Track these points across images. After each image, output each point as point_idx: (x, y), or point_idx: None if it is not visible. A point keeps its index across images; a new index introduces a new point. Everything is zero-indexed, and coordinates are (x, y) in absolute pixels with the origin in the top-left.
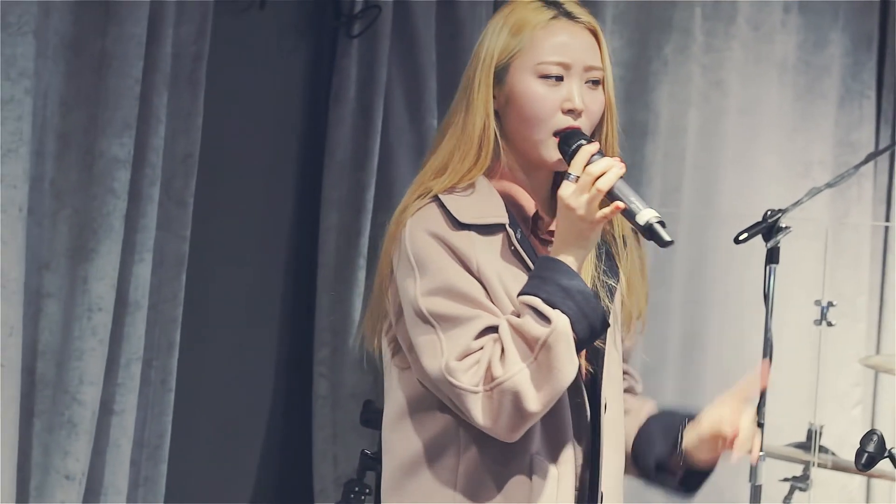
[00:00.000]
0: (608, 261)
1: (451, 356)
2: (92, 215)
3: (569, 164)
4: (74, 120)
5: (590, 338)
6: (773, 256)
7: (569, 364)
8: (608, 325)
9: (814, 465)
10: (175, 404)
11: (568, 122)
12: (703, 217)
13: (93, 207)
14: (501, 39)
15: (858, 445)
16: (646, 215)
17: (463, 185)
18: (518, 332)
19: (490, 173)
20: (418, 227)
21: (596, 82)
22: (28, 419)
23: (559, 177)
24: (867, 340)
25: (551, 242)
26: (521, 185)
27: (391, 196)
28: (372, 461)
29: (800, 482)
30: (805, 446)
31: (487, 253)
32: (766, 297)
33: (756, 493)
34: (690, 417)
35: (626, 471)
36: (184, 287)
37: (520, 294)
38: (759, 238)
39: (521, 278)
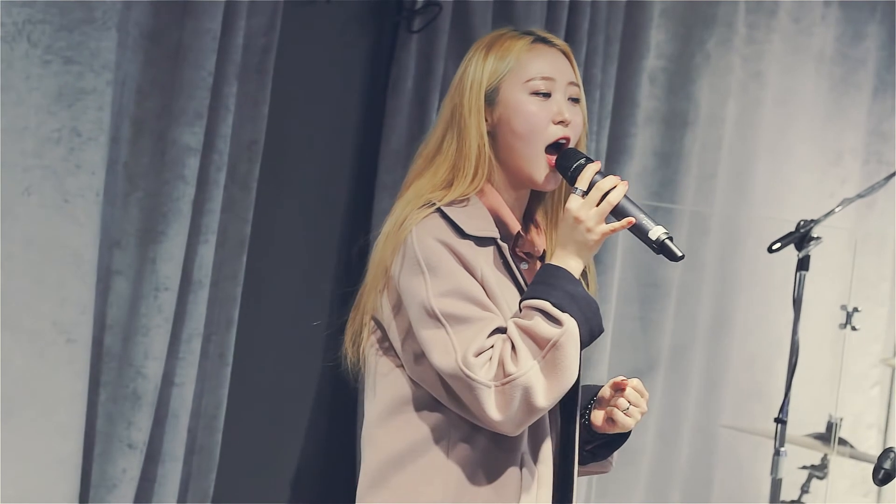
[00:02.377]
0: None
1: (469, 352)
2: (162, 199)
3: (569, 180)
4: (149, 108)
5: (589, 341)
6: (803, 264)
7: (574, 364)
8: (603, 331)
9: (832, 454)
10: (231, 378)
11: (559, 132)
12: (737, 203)
13: (163, 192)
14: (489, 65)
15: (876, 462)
16: (657, 231)
17: (462, 200)
18: (528, 332)
19: (478, 192)
20: (426, 234)
21: (575, 100)
22: (95, 389)
23: (533, 201)
24: (887, 337)
25: (525, 259)
26: (506, 203)
27: None
28: None
29: (818, 471)
30: (824, 437)
31: (486, 263)
32: (795, 302)
33: (776, 484)
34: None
35: None
36: (244, 267)
37: (528, 298)
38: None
39: (511, 289)
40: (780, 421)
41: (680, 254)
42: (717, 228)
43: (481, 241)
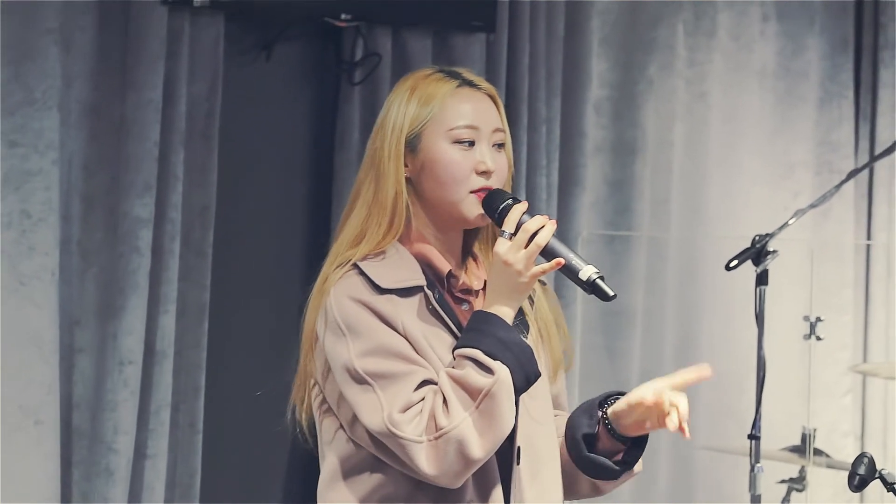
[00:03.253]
0: (517, 315)
1: (394, 409)
2: (118, 273)
3: (497, 223)
4: (97, 183)
5: (524, 387)
6: (762, 279)
7: (509, 412)
8: (539, 375)
9: (809, 465)
10: (203, 445)
11: (482, 182)
12: (692, 224)
13: (119, 266)
14: (411, 110)
15: (850, 468)
16: (587, 271)
17: (378, 252)
18: (459, 383)
19: (402, 238)
20: (342, 295)
21: (500, 145)
22: (67, 469)
23: (469, 236)
24: (854, 345)
25: (465, 300)
26: (434, 247)
27: None
28: None
29: (796, 483)
30: (800, 449)
31: (410, 314)
32: (757, 317)
33: (756, 500)
34: (614, 395)
35: (570, 474)
36: (206, 333)
37: (459, 347)
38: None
39: (442, 336)
40: (754, 437)
41: (612, 294)
42: (675, 252)
43: (405, 292)
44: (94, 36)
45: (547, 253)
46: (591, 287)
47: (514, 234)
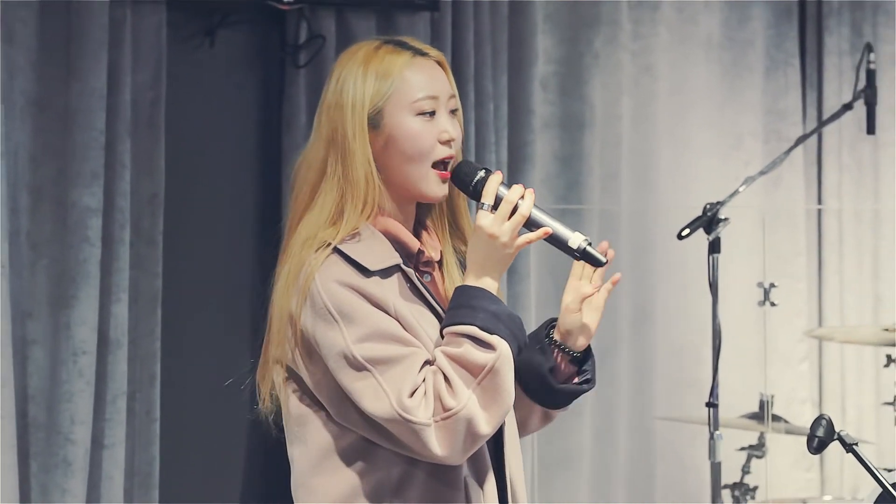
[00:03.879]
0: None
1: (403, 394)
2: (69, 264)
3: (471, 195)
4: (44, 174)
5: (518, 356)
6: (714, 247)
7: (511, 384)
8: (527, 343)
9: (768, 432)
10: (161, 433)
11: (446, 151)
12: (643, 197)
13: (69, 256)
14: (369, 86)
15: (809, 430)
16: (576, 239)
17: (353, 234)
18: (459, 361)
19: (370, 218)
20: (330, 280)
21: (454, 111)
22: (25, 461)
23: (422, 208)
24: (809, 311)
25: (427, 272)
26: (398, 221)
27: None
28: None
29: (756, 450)
30: (758, 416)
31: (395, 294)
32: (711, 285)
33: (716, 468)
34: (549, 324)
35: (527, 413)
36: (160, 321)
37: (452, 324)
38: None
39: (426, 313)
40: (712, 405)
41: (604, 259)
42: (627, 225)
43: (385, 273)
44: (36, 27)
45: (530, 223)
46: (581, 254)
47: (494, 205)
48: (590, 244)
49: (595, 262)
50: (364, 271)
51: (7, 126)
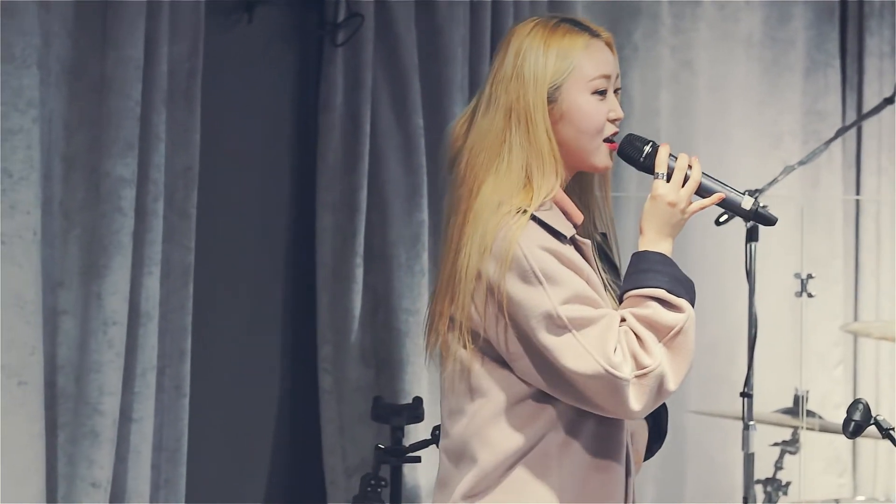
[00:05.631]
0: (605, 260)
1: (608, 352)
2: (101, 233)
3: (642, 168)
4: (79, 142)
5: None
6: (752, 235)
7: (694, 345)
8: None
9: (802, 428)
10: (190, 408)
11: (613, 129)
12: None
13: (101, 225)
14: (550, 62)
15: (846, 414)
16: (748, 202)
17: (544, 203)
18: (648, 322)
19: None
20: (532, 244)
21: (618, 90)
22: (52, 431)
23: (574, 180)
24: (845, 305)
25: (584, 243)
26: (567, 196)
27: (383, 196)
28: (386, 455)
29: (789, 446)
30: (792, 411)
31: (580, 260)
32: (748, 273)
33: (749, 459)
34: None
35: None
36: (191, 296)
37: (637, 287)
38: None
39: (597, 280)
40: (746, 395)
41: (775, 218)
42: None
43: (567, 240)
44: None
45: (701, 190)
46: (754, 215)
47: (668, 175)
48: (762, 206)
49: (767, 222)
50: (560, 237)
51: (43, 92)
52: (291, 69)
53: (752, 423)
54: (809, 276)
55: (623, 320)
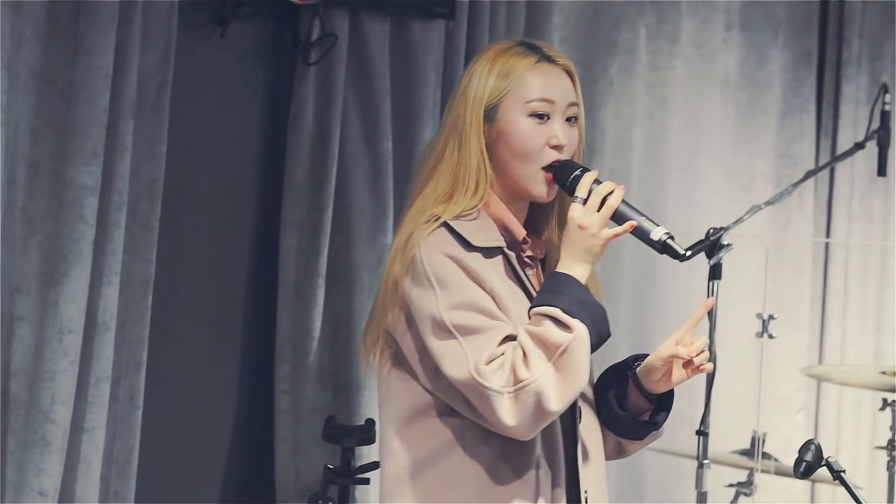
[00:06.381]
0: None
1: (480, 361)
2: (62, 241)
3: (568, 191)
4: (44, 149)
5: (598, 345)
6: (715, 272)
7: (585, 368)
8: (610, 335)
9: (757, 470)
10: (142, 421)
11: (554, 156)
12: None
13: (63, 234)
14: (490, 81)
15: (797, 454)
16: (658, 232)
17: (467, 214)
18: (538, 338)
19: (483, 204)
20: (434, 249)
21: (573, 119)
22: (2, 438)
23: (534, 207)
24: (809, 350)
25: (529, 265)
26: (509, 212)
27: (348, 217)
28: (334, 475)
29: (744, 487)
30: (749, 453)
31: (494, 273)
32: (709, 312)
33: (702, 498)
34: (641, 356)
35: (603, 432)
36: (150, 308)
37: (537, 305)
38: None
39: (519, 296)
40: (702, 433)
41: (682, 252)
42: (630, 257)
43: (488, 252)
44: None
45: (618, 216)
46: (662, 247)
47: (586, 199)
48: (671, 238)
49: (675, 255)
50: (467, 245)
51: (10, 97)
52: (262, 86)
53: (706, 461)
54: (771, 317)
55: (516, 337)
